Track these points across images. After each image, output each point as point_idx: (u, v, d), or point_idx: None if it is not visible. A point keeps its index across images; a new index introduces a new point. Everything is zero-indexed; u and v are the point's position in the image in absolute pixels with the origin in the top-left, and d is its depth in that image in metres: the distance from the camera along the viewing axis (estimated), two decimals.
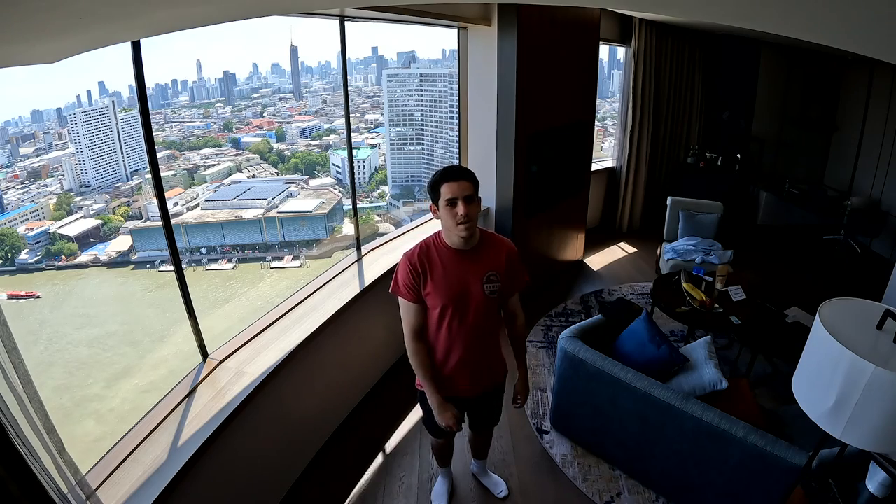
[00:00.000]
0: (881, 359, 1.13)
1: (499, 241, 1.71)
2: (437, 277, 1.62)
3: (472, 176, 1.57)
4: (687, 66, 5.70)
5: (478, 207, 1.58)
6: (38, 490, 0.99)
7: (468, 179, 1.55)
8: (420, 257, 1.64)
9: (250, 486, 2.12)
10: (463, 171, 1.57)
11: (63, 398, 6.27)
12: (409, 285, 1.64)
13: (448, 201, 1.53)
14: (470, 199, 1.54)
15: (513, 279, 1.71)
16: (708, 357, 2.35)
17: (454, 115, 4.06)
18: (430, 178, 1.59)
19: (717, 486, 2.04)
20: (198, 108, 10.57)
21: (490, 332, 1.75)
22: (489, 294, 1.64)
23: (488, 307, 1.67)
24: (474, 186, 1.56)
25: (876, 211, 5.08)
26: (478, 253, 1.64)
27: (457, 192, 1.52)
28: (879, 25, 1.25)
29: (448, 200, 1.53)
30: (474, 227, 1.58)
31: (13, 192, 8.29)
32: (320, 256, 9.78)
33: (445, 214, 1.55)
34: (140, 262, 8.64)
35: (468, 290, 1.63)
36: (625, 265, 4.91)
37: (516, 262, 1.71)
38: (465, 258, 1.63)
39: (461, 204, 1.52)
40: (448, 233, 1.60)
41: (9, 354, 1.04)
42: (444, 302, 1.63)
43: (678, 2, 2.01)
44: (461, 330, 1.67)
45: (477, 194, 1.58)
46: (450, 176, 1.54)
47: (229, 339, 2.28)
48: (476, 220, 1.58)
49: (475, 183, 1.57)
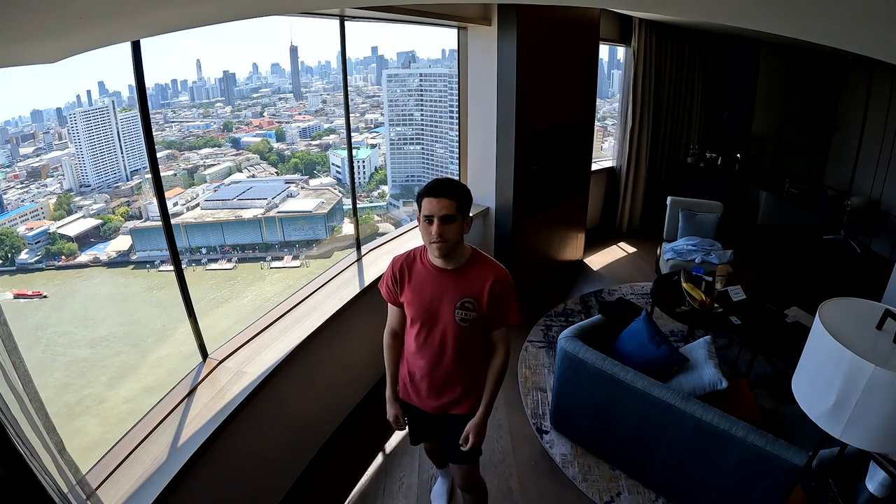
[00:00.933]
0: (881, 359, 1.14)
1: (488, 269, 1.57)
2: (413, 289, 1.60)
3: (456, 194, 1.47)
4: (687, 66, 5.71)
5: (458, 228, 1.49)
6: (38, 490, 0.99)
7: (450, 197, 1.45)
8: (402, 265, 1.63)
9: (250, 486, 2.12)
10: (447, 187, 1.47)
11: (66, 398, 6.27)
12: (389, 288, 1.66)
13: (425, 217, 1.47)
14: (448, 220, 1.46)
15: (495, 312, 1.58)
16: (708, 357, 2.35)
17: (454, 115, 4.06)
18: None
19: (717, 486, 2.04)
20: (198, 108, 10.57)
21: (462, 357, 1.63)
22: (460, 321, 1.55)
23: (462, 333, 1.58)
24: (458, 206, 1.47)
25: (876, 211, 5.08)
26: (460, 275, 1.55)
27: (433, 210, 1.45)
28: (879, 25, 1.25)
29: (425, 217, 1.47)
30: (449, 249, 1.49)
31: (13, 192, 8.29)
32: (320, 256, 9.78)
33: (422, 229, 1.50)
34: (140, 261, 8.65)
35: (438, 311, 1.57)
36: (625, 265, 4.91)
37: (504, 294, 1.56)
38: (444, 277, 1.56)
39: (436, 222, 1.45)
40: (428, 248, 1.54)
41: (9, 354, 1.04)
42: (414, 315, 1.62)
43: (678, 2, 2.01)
44: (426, 345, 1.63)
45: (462, 213, 1.49)
46: (432, 191, 1.46)
47: (229, 339, 2.28)
48: (453, 241, 1.49)
49: (460, 201, 1.48)
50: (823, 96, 5.79)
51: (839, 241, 5.28)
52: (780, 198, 5.73)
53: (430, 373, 1.67)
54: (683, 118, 5.96)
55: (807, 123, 6.00)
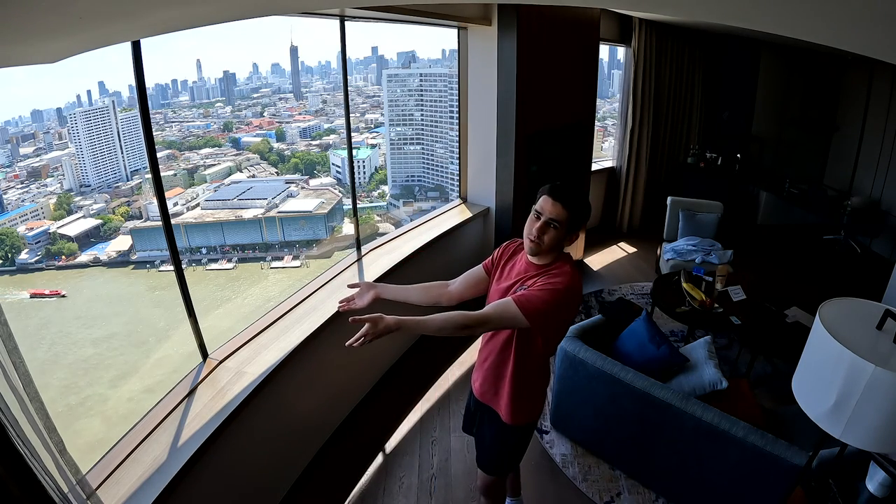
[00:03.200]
0: (881, 359, 1.14)
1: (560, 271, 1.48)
2: (502, 267, 1.63)
3: (574, 206, 1.44)
4: (687, 66, 5.71)
5: (558, 238, 1.45)
6: (39, 490, 0.99)
7: (566, 206, 1.43)
8: (506, 250, 1.66)
9: (250, 486, 2.12)
10: (568, 196, 1.45)
11: (69, 398, 6.27)
12: (492, 258, 1.69)
13: (535, 212, 1.48)
14: (552, 225, 1.44)
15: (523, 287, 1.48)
16: (708, 357, 2.35)
17: (454, 115, 4.06)
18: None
19: (717, 486, 2.05)
20: (198, 108, 10.56)
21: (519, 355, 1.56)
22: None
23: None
24: (569, 217, 1.44)
25: (876, 211, 5.08)
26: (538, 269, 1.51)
27: (544, 210, 1.45)
28: (879, 25, 1.25)
29: (535, 211, 1.48)
30: (539, 251, 1.47)
31: (13, 192, 8.28)
32: (320, 256, 9.77)
33: (528, 221, 1.49)
34: (140, 261, 8.63)
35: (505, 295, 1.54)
36: (625, 265, 4.90)
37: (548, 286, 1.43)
38: (528, 269, 1.54)
39: (540, 222, 1.45)
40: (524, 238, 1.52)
41: (9, 354, 1.04)
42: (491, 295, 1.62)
43: (678, 2, 2.01)
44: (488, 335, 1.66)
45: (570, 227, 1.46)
46: (553, 191, 1.45)
47: (229, 339, 2.28)
48: (547, 247, 1.46)
49: (573, 215, 1.45)
50: (823, 96, 5.78)
51: (839, 241, 5.27)
52: (780, 198, 5.72)
53: (485, 357, 1.66)
54: (683, 118, 5.96)
55: (807, 123, 6.00)
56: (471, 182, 4.02)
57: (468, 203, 4.04)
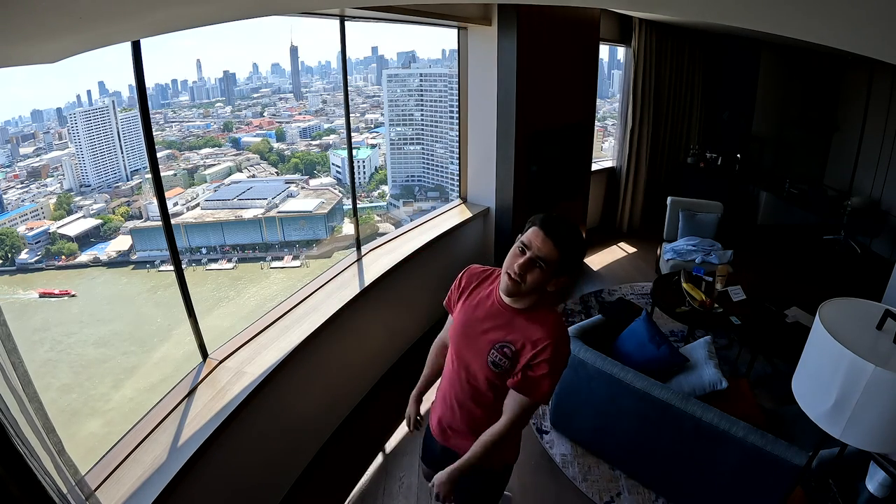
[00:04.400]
0: (881, 359, 1.14)
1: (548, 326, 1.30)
2: (465, 304, 1.42)
3: (567, 246, 1.24)
4: (687, 66, 5.71)
5: (541, 279, 1.25)
6: (38, 490, 0.99)
7: (558, 245, 1.23)
8: (473, 276, 1.46)
9: (250, 486, 2.12)
10: (563, 234, 1.24)
11: (71, 398, 6.28)
12: (451, 291, 1.50)
13: (521, 245, 1.26)
14: (538, 264, 1.23)
15: (526, 375, 1.28)
16: (708, 357, 2.35)
17: (454, 115, 4.06)
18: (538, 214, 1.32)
19: (717, 486, 2.05)
20: (198, 108, 10.56)
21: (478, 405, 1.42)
22: (491, 363, 1.33)
23: (487, 379, 1.36)
24: (559, 259, 1.23)
25: (876, 211, 5.08)
26: (517, 316, 1.32)
27: (534, 247, 1.24)
28: (879, 25, 1.25)
29: (522, 244, 1.26)
30: (519, 290, 1.26)
31: (13, 192, 8.28)
32: (320, 256, 9.77)
33: (510, 254, 1.28)
34: (140, 261, 8.64)
35: (477, 341, 1.36)
36: (625, 265, 4.91)
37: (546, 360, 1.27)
38: (501, 310, 1.34)
39: (525, 259, 1.24)
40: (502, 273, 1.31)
41: (9, 354, 1.05)
42: (453, 333, 1.44)
43: (678, 2, 2.01)
44: (452, 370, 1.46)
45: (557, 270, 1.25)
46: (545, 226, 1.24)
47: (229, 339, 2.28)
48: (528, 289, 1.26)
49: (564, 257, 1.24)
50: (823, 96, 5.78)
51: (839, 241, 5.27)
52: (780, 198, 5.73)
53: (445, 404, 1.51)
54: (683, 118, 5.96)
55: (807, 123, 6.00)
56: (471, 182, 4.02)
57: (468, 203, 4.04)
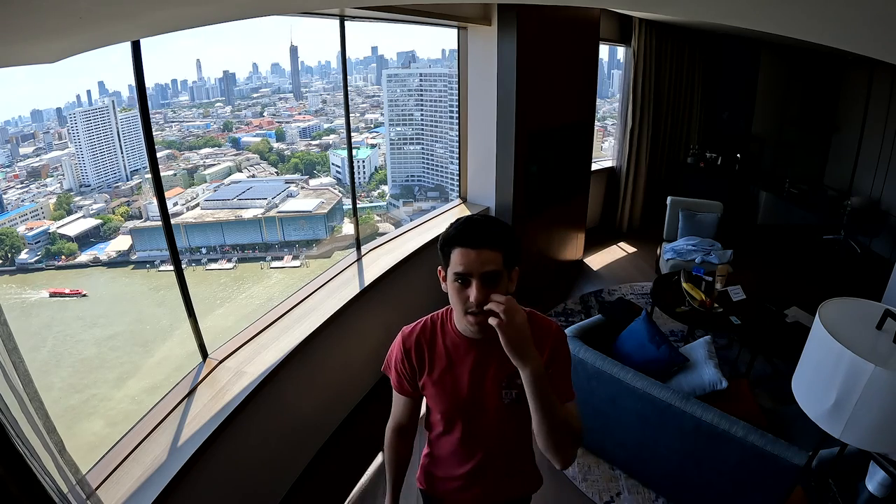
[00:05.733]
0: (881, 359, 1.14)
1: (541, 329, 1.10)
2: (438, 374, 1.14)
3: (502, 240, 1.00)
4: (687, 66, 5.71)
5: (505, 289, 1.01)
6: (38, 490, 0.99)
7: (494, 247, 0.99)
8: (418, 341, 1.15)
9: (250, 486, 2.12)
10: (489, 232, 1.00)
11: (72, 397, 6.28)
12: (400, 372, 1.18)
13: (457, 276, 1.00)
14: (492, 278, 0.99)
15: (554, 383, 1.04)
16: (708, 357, 2.35)
17: (454, 114, 4.06)
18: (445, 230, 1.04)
19: (717, 486, 2.05)
20: (198, 108, 10.56)
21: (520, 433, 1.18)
22: (507, 403, 1.12)
23: (512, 413, 1.13)
24: (504, 257, 1.00)
25: (876, 211, 5.08)
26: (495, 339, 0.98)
27: (472, 267, 0.98)
28: (879, 25, 1.25)
29: (457, 275, 1.00)
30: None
31: (13, 192, 8.28)
32: (320, 256, 9.78)
33: (452, 292, 1.03)
34: (140, 261, 8.64)
35: (482, 396, 1.13)
36: (625, 265, 4.91)
37: (560, 359, 1.11)
38: (482, 350, 1.11)
39: (476, 285, 0.98)
40: (457, 316, 1.08)
41: (9, 354, 1.05)
42: (446, 409, 1.17)
43: (678, 2, 2.01)
44: (470, 445, 1.20)
45: (508, 266, 1.02)
46: (467, 238, 0.99)
47: (229, 339, 2.28)
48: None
49: (507, 250, 1.01)
50: (823, 96, 5.79)
51: (839, 241, 5.27)
52: (780, 198, 5.73)
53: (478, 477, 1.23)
54: (683, 118, 5.96)
55: (807, 123, 6.00)
56: (471, 182, 4.02)
57: (468, 203, 4.04)
